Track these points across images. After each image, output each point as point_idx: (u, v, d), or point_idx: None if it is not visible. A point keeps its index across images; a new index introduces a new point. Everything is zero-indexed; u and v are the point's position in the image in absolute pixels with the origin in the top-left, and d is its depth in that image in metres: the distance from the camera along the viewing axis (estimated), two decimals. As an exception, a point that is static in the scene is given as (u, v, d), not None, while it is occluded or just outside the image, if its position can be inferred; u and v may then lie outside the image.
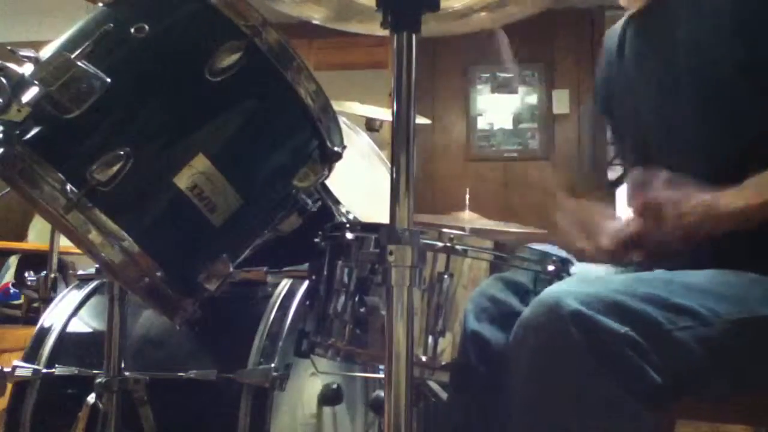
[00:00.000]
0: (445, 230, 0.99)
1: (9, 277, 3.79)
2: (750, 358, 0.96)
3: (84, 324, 1.46)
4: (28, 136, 0.85)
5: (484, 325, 0.96)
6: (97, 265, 1.49)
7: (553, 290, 0.91)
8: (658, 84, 1.21)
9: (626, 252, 1.13)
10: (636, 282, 0.96)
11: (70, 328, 1.44)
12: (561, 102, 4.69)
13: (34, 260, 2.98)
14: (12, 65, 0.86)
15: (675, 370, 0.89)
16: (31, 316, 3.21)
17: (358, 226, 1.06)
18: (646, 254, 1.13)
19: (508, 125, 4.80)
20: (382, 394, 1.12)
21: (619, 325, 0.87)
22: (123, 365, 1.16)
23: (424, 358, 0.96)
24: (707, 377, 0.94)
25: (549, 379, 0.89)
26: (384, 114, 2.32)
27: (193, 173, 0.89)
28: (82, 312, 1.47)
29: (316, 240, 1.11)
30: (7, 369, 1.34)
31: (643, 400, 0.86)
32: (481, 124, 4.83)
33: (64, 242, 2.06)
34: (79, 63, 0.85)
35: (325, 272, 1.07)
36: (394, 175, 0.81)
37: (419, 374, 0.97)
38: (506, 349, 0.94)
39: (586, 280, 0.96)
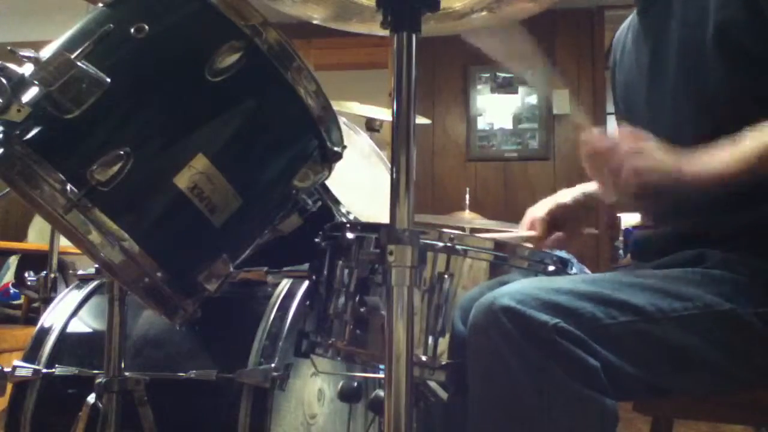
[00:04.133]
0: (445, 230, 0.99)
1: (9, 277, 3.80)
2: (703, 352, 0.97)
3: (84, 324, 1.46)
4: (28, 136, 0.85)
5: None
6: (97, 265, 1.49)
7: (494, 292, 0.92)
8: (648, 73, 1.22)
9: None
10: (581, 282, 0.98)
11: (70, 328, 1.44)
12: (561, 102, 4.68)
13: (34, 260, 2.97)
14: (12, 65, 0.86)
15: (616, 359, 0.91)
16: (31, 316, 3.22)
17: (358, 226, 1.06)
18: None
19: (508, 125, 4.80)
20: (382, 394, 1.11)
21: (550, 317, 0.89)
22: (123, 365, 1.16)
23: (424, 358, 0.96)
24: (654, 371, 0.96)
25: (489, 375, 0.91)
26: (384, 114, 2.32)
27: (193, 173, 0.89)
28: (82, 312, 1.48)
29: (316, 240, 1.11)
30: (7, 369, 1.34)
31: (583, 383, 0.88)
32: (481, 124, 4.83)
33: (64, 242, 2.06)
34: (79, 63, 0.85)
35: (325, 272, 1.07)
36: (394, 175, 0.81)
37: (419, 374, 0.97)
38: None
39: (535, 282, 0.97)
